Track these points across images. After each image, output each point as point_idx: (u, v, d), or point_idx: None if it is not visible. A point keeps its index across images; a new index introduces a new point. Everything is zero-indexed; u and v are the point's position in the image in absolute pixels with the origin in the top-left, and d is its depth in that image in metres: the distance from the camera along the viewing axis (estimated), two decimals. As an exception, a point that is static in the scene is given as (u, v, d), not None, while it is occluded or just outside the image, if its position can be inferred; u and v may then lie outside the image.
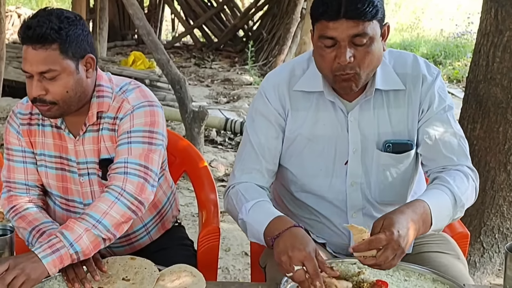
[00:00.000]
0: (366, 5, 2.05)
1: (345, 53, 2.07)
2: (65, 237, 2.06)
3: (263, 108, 2.32)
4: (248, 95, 8.44)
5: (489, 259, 3.81)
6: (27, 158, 2.38)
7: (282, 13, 10.17)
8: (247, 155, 2.34)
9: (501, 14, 3.52)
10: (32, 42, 2.11)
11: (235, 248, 4.24)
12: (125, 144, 2.26)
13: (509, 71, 3.52)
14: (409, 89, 2.26)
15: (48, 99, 2.15)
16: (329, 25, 2.06)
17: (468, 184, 2.20)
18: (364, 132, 2.27)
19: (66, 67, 2.14)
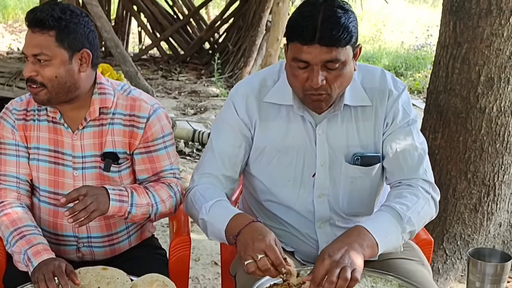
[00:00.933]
0: (341, 33, 2.07)
1: (317, 77, 2.10)
2: (132, 197, 2.33)
3: (230, 116, 2.34)
4: (215, 107, 8.47)
5: (452, 265, 3.88)
6: (20, 152, 2.44)
7: (248, 26, 10.22)
8: (208, 161, 2.37)
9: (459, 27, 3.61)
10: (32, 25, 2.24)
11: (205, 257, 4.25)
12: (163, 150, 2.47)
13: (468, 82, 3.61)
14: (376, 104, 2.31)
15: (38, 80, 2.26)
16: (303, 49, 2.08)
17: (418, 198, 2.24)
18: (332, 145, 2.31)
19: (59, 55, 2.26)
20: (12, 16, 15.99)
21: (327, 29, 2.05)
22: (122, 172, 2.46)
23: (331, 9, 2.08)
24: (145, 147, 2.45)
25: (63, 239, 2.50)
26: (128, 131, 2.42)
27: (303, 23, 2.07)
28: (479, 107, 3.63)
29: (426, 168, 2.34)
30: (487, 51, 3.55)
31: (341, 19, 2.07)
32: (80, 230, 2.48)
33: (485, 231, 3.87)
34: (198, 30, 11.69)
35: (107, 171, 2.42)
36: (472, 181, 3.75)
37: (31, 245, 2.24)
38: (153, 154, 2.46)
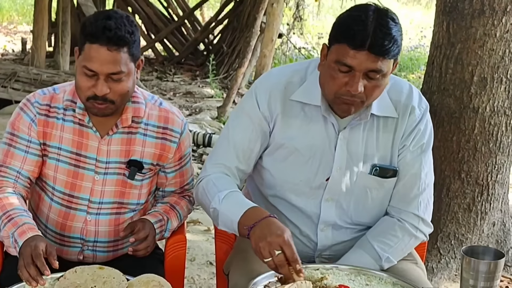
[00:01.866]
0: (392, 44, 2.05)
1: (358, 83, 2.08)
2: (168, 224, 2.48)
3: (250, 108, 2.32)
4: (209, 108, 8.49)
5: (446, 264, 3.90)
6: (31, 149, 2.39)
7: (242, 27, 10.24)
8: (222, 151, 2.36)
9: (452, 27, 3.63)
10: (108, 43, 2.18)
11: (200, 257, 4.26)
12: (188, 163, 2.57)
13: (461, 82, 3.63)
14: (398, 117, 2.30)
15: (109, 97, 2.24)
16: (351, 53, 2.06)
17: (402, 236, 2.32)
18: (351, 152, 2.29)
19: (131, 69, 2.27)
20: (6, 17, 15.98)
21: (379, 37, 2.03)
22: (144, 181, 2.48)
23: (383, 18, 2.07)
24: (178, 164, 2.53)
25: (69, 240, 2.49)
26: (160, 144, 2.44)
27: (356, 27, 2.05)
28: (472, 107, 3.65)
29: (422, 202, 2.35)
30: (480, 51, 3.58)
31: (393, 30, 2.06)
32: (88, 234, 2.47)
33: (478, 231, 3.89)
34: (193, 32, 11.70)
35: (132, 179, 2.44)
36: (465, 181, 3.77)
37: (17, 226, 2.23)
38: (183, 168, 2.55)
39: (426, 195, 2.36)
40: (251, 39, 8.67)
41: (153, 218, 2.43)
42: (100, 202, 2.44)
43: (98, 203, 2.44)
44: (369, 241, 2.31)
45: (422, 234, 2.37)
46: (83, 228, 2.46)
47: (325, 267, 2.16)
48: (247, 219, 2.10)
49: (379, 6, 2.13)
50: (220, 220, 2.21)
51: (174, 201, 2.56)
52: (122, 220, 2.48)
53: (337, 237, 2.39)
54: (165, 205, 2.53)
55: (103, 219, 2.46)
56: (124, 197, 2.47)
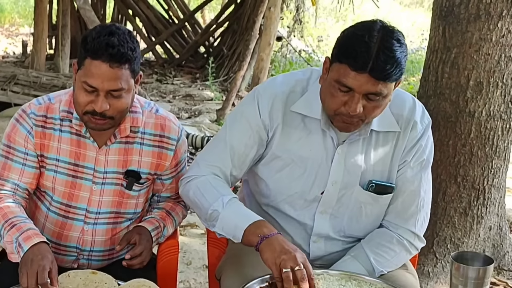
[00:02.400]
0: (394, 68, 2.00)
1: (356, 105, 2.05)
2: (163, 231, 2.47)
3: (251, 113, 2.28)
4: (209, 111, 8.49)
5: (442, 268, 3.89)
6: (28, 161, 2.37)
7: (242, 30, 10.24)
8: (218, 152, 2.32)
9: (448, 32, 3.64)
10: (110, 60, 2.15)
11: (196, 261, 4.26)
12: (184, 168, 2.54)
13: (457, 86, 3.63)
14: (400, 131, 2.27)
15: (108, 114, 2.22)
16: (351, 74, 2.02)
17: (400, 251, 2.34)
18: (348, 166, 2.27)
19: (131, 85, 2.25)
20: (8, 20, 15.99)
21: (381, 61, 1.99)
22: (141, 191, 2.48)
23: (388, 39, 2.01)
24: (175, 171, 2.52)
25: (64, 249, 2.49)
26: (157, 152, 2.43)
27: (358, 48, 2.00)
28: (468, 111, 3.65)
29: (419, 220, 2.35)
30: (476, 55, 3.58)
31: (397, 53, 2.01)
32: (84, 243, 2.47)
33: (475, 235, 3.89)
34: (193, 34, 11.70)
35: (129, 189, 2.43)
36: (461, 185, 3.77)
37: (21, 231, 2.21)
38: (179, 174, 2.52)
39: (424, 212, 2.35)
40: (250, 42, 8.68)
41: (150, 225, 2.43)
42: (97, 212, 2.43)
43: (96, 213, 2.43)
44: (366, 252, 2.31)
45: (415, 250, 2.38)
46: (80, 238, 2.46)
47: (315, 272, 2.14)
48: (259, 228, 2.09)
49: (386, 24, 2.08)
50: (218, 223, 2.18)
51: (169, 207, 2.55)
52: (119, 230, 2.48)
53: (329, 248, 2.39)
54: (161, 211, 2.52)
55: (100, 228, 2.46)
56: (122, 207, 2.46)
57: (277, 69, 10.24)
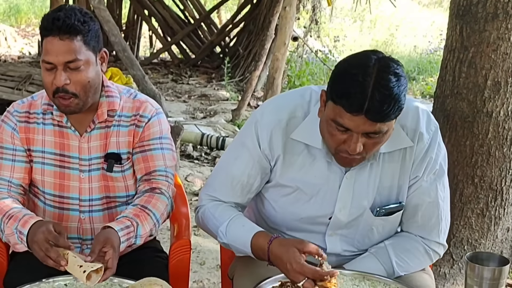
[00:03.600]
0: (391, 107, 1.90)
1: (356, 144, 1.98)
2: (137, 230, 2.30)
3: (251, 145, 2.22)
4: (224, 111, 8.48)
5: (459, 270, 3.85)
6: (17, 157, 2.43)
7: (258, 30, 10.23)
8: (219, 184, 2.30)
9: (466, 31, 3.59)
10: (59, 32, 2.23)
11: (210, 261, 4.25)
12: (159, 150, 2.46)
13: (474, 86, 3.58)
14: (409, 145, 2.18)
15: (71, 89, 2.27)
16: (347, 116, 1.93)
17: (424, 259, 2.32)
18: (356, 192, 2.21)
19: (89, 58, 2.28)
20: (25, 20, 16.10)
21: (377, 101, 1.88)
22: (125, 172, 2.48)
23: (384, 76, 1.90)
24: (140, 146, 2.46)
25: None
26: (132, 130, 2.45)
27: (352, 90, 1.90)
28: (486, 111, 3.60)
29: (442, 228, 2.31)
30: (493, 55, 3.52)
31: (394, 89, 1.90)
32: (84, 232, 2.50)
33: (492, 236, 3.84)
34: (209, 34, 11.71)
35: (110, 171, 2.45)
36: (479, 186, 3.72)
37: (18, 220, 2.26)
38: (148, 153, 2.46)
39: (445, 219, 2.31)
40: (266, 42, 8.66)
41: (119, 225, 2.27)
42: (90, 199, 2.47)
43: (88, 201, 2.47)
44: (388, 254, 2.28)
45: (438, 257, 2.36)
46: (79, 227, 2.50)
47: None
48: (258, 249, 2.12)
49: (381, 55, 1.97)
50: (234, 251, 2.23)
51: (145, 201, 2.40)
52: (116, 215, 2.46)
53: (341, 262, 2.35)
54: (135, 207, 2.38)
55: (97, 215, 2.49)
56: (110, 191, 2.49)
57: (293, 69, 10.21)
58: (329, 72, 10.25)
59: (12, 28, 14.03)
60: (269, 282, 2.07)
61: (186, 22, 11.79)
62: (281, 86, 6.99)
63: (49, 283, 2.12)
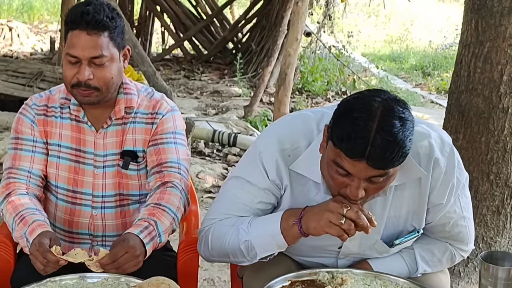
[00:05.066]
0: (395, 154, 1.80)
1: (357, 190, 1.88)
2: (157, 227, 2.27)
3: (259, 177, 2.12)
4: (236, 107, 8.45)
5: (473, 268, 3.82)
6: (37, 148, 2.44)
7: (271, 26, 10.20)
8: (226, 210, 2.18)
9: (481, 25, 3.55)
10: (87, 27, 2.23)
11: (221, 259, 4.22)
12: (172, 144, 2.45)
13: (490, 81, 3.54)
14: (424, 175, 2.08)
15: (93, 84, 2.27)
16: (348, 161, 1.84)
17: (444, 264, 2.31)
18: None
19: (114, 54, 2.29)
20: (37, 17, 16.18)
21: (379, 147, 1.78)
22: (141, 171, 2.47)
23: (388, 120, 1.80)
24: (153, 140, 2.45)
25: (78, 237, 2.52)
26: (149, 129, 2.45)
27: (354, 134, 1.80)
28: (501, 107, 3.55)
29: (469, 235, 2.28)
30: (509, 49, 3.48)
31: (398, 135, 1.79)
32: (95, 228, 2.50)
33: (508, 234, 3.79)
34: (221, 30, 11.69)
35: (126, 168, 2.44)
36: (494, 183, 3.68)
37: (27, 225, 2.25)
38: (160, 146, 2.45)
39: (471, 225, 2.27)
40: (279, 38, 8.63)
41: (136, 229, 2.25)
42: (103, 196, 2.46)
43: (101, 197, 2.46)
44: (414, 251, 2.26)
45: (462, 258, 2.36)
46: (90, 223, 2.49)
47: (339, 270, 2.11)
48: (288, 219, 2.02)
49: (387, 97, 1.86)
50: (257, 248, 2.08)
51: (157, 198, 2.37)
52: (128, 213, 2.49)
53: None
54: (148, 207, 2.36)
55: (109, 212, 2.48)
56: (124, 188, 2.47)
57: (306, 65, 10.17)
58: (342, 68, 10.22)
59: (24, 24, 14.07)
60: (279, 282, 2.04)
61: (198, 18, 11.77)
62: (293, 82, 6.95)
63: (56, 282, 2.10)
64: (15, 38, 12.77)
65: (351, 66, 10.71)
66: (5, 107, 7.32)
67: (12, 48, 12.18)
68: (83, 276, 2.14)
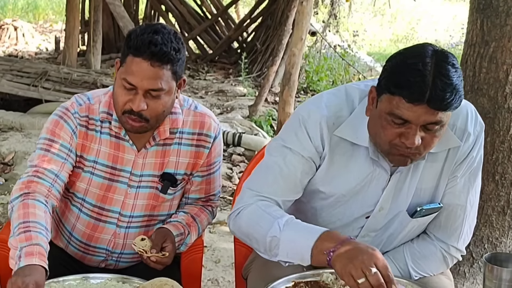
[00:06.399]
0: (454, 96, 1.85)
1: (414, 137, 1.90)
2: (187, 238, 2.39)
3: (302, 142, 2.11)
4: (241, 106, 8.44)
5: (479, 269, 3.80)
6: (70, 158, 2.31)
7: (276, 25, 10.18)
8: (269, 183, 2.15)
9: (487, 25, 3.53)
10: (151, 58, 2.11)
11: (225, 259, 4.22)
12: (217, 171, 2.50)
13: (495, 81, 3.53)
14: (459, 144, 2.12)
15: (145, 115, 2.17)
16: (406, 106, 1.87)
17: (440, 265, 2.27)
18: (397, 193, 2.15)
19: (171, 88, 2.19)
20: (42, 16, 16.18)
21: (440, 90, 1.83)
22: (176, 194, 2.44)
23: (443, 65, 1.86)
24: (206, 170, 2.44)
25: (94, 250, 2.47)
26: (195, 151, 2.39)
27: (412, 78, 1.85)
28: (507, 107, 3.54)
29: (463, 234, 2.25)
30: (515, 49, 3.47)
31: (454, 78, 1.86)
32: (115, 246, 2.45)
33: (513, 235, 3.79)
34: (226, 29, 11.68)
35: (164, 193, 2.39)
36: (500, 183, 3.66)
37: (29, 243, 2.03)
38: (211, 176, 2.46)
39: (468, 224, 2.25)
40: (284, 37, 8.61)
41: (175, 230, 2.35)
42: (130, 216, 2.40)
43: (129, 217, 2.40)
44: (406, 260, 2.25)
45: (455, 261, 2.31)
46: (111, 240, 2.43)
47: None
48: (325, 242, 1.92)
49: (437, 48, 1.93)
50: (281, 249, 2.02)
51: (195, 212, 2.46)
52: (151, 232, 2.40)
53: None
54: (187, 216, 2.43)
55: (133, 232, 2.43)
56: (155, 210, 2.43)
57: (311, 65, 10.15)
58: (347, 67, 10.21)
59: (30, 24, 14.07)
60: (282, 282, 2.04)
61: (203, 17, 11.76)
62: (298, 82, 6.93)
63: (59, 282, 2.09)
64: (20, 38, 12.77)
65: (357, 66, 10.68)
66: (10, 107, 7.33)
67: (17, 48, 12.19)
68: (86, 276, 2.14)
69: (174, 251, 2.28)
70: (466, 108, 2.15)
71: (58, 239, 2.53)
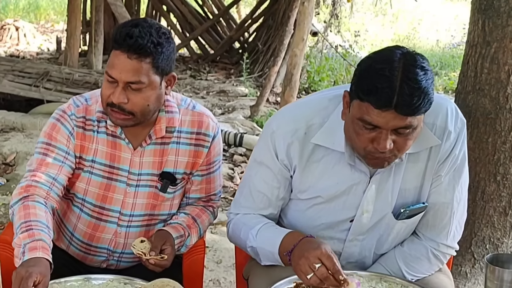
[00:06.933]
0: (421, 100, 1.85)
1: (385, 141, 1.92)
2: (187, 239, 2.38)
3: (269, 158, 2.18)
4: (243, 107, 8.44)
5: (480, 269, 3.79)
6: (68, 161, 2.32)
7: (277, 25, 10.17)
8: (244, 200, 2.27)
9: (488, 26, 3.53)
10: (129, 50, 2.13)
11: (227, 260, 4.22)
12: (218, 170, 2.49)
13: (497, 82, 3.53)
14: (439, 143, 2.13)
15: (127, 108, 2.18)
16: (375, 112, 1.88)
17: (432, 264, 2.27)
18: (380, 195, 2.16)
19: (153, 82, 2.17)
20: (44, 16, 16.17)
21: (407, 95, 1.84)
22: (176, 193, 2.44)
23: (411, 69, 1.87)
24: (206, 169, 2.44)
25: (95, 250, 2.48)
26: (194, 151, 2.39)
27: (379, 84, 1.85)
28: (508, 108, 3.54)
29: (452, 231, 2.25)
30: (516, 50, 3.46)
31: (422, 82, 1.86)
32: (116, 245, 2.45)
33: (515, 235, 3.78)
34: (228, 29, 11.66)
35: (164, 192, 2.40)
36: (501, 184, 3.66)
37: (32, 239, 2.07)
38: (211, 175, 2.46)
39: (457, 221, 2.25)
40: (285, 37, 8.60)
41: (175, 232, 2.35)
42: (131, 215, 2.41)
43: (129, 216, 2.41)
44: (398, 265, 2.25)
45: (448, 257, 2.31)
46: (112, 240, 2.44)
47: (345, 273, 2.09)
48: (286, 245, 2.05)
49: (405, 50, 1.93)
50: (261, 256, 2.17)
51: (196, 213, 2.47)
52: (152, 232, 2.42)
53: (355, 268, 2.29)
54: (188, 217, 2.44)
55: (133, 231, 2.43)
56: (155, 209, 2.43)
57: (313, 65, 10.15)
58: (349, 67, 10.19)
59: (31, 24, 14.07)
60: (284, 283, 2.05)
61: (204, 17, 11.75)
62: (299, 82, 6.93)
63: (61, 283, 2.10)
64: (21, 38, 12.76)
65: (358, 66, 10.65)
66: (11, 107, 7.32)
67: (18, 48, 12.19)
68: (88, 277, 2.14)
69: (173, 254, 2.28)
70: (446, 106, 2.14)
71: (59, 241, 2.53)
